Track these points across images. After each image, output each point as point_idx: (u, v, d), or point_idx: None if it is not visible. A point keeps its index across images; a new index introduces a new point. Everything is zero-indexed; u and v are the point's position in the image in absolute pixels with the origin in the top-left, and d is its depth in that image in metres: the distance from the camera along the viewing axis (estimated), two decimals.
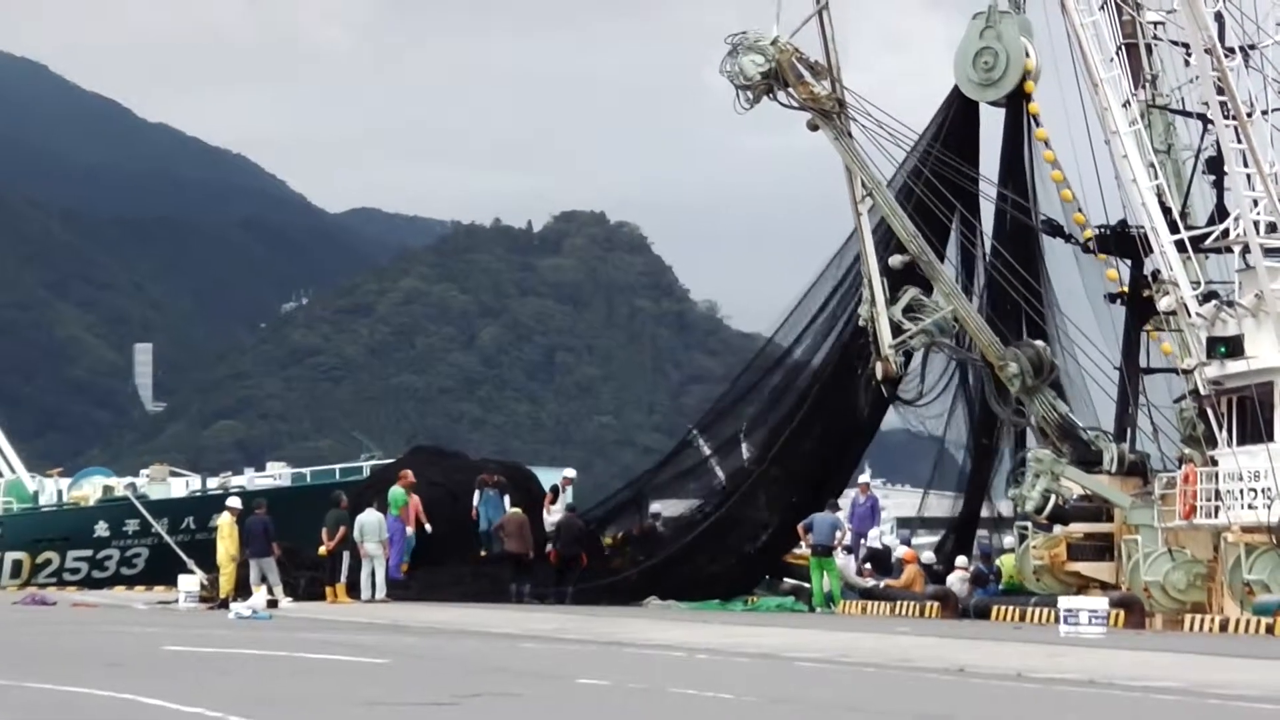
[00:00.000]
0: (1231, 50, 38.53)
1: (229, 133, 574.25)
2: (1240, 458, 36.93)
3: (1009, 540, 43.14)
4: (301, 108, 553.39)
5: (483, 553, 46.12)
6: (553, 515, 46.10)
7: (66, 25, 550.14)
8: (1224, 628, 35.16)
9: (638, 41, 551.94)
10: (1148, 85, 41.62)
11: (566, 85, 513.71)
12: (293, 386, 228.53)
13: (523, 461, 64.51)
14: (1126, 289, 42.22)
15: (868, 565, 44.83)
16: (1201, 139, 41.16)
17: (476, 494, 46.35)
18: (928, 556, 46.11)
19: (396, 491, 44.90)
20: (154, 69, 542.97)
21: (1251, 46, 39.39)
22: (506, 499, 46.04)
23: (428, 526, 45.35)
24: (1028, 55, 42.23)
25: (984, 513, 45.58)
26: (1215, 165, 40.52)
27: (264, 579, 42.76)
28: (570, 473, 49.78)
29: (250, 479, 64.83)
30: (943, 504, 48.79)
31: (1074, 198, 42.26)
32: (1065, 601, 33.53)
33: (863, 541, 46.19)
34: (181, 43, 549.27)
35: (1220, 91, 37.78)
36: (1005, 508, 44.49)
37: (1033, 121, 42.69)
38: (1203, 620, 36.11)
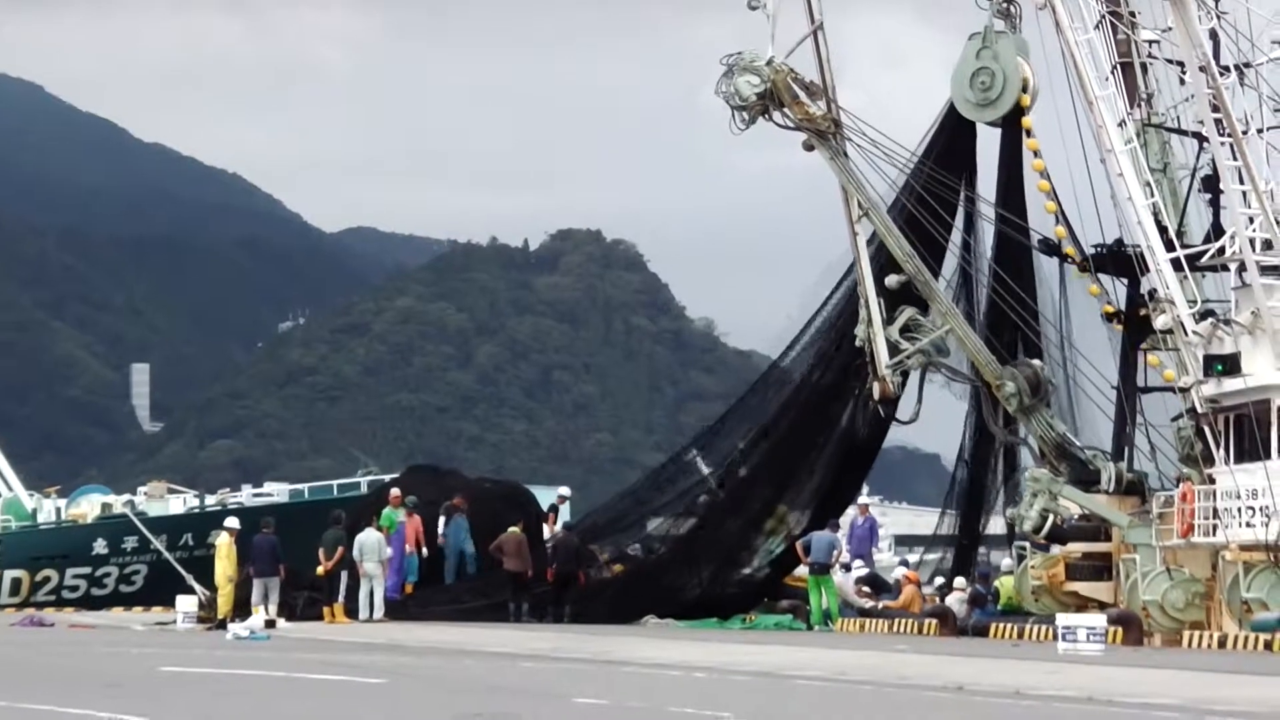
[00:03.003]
0: (1226, 68, 38.62)
1: (224, 153, 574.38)
2: (1238, 476, 36.93)
3: (1006, 561, 43.07)
4: (297, 127, 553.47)
5: (447, 581, 45.74)
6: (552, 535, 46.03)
7: (61, 46, 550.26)
8: (1222, 645, 35.15)
9: (634, 61, 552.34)
10: (1143, 104, 41.67)
11: (562, 104, 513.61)
12: (289, 406, 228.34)
13: (520, 480, 64.53)
14: (1123, 308, 42.26)
15: (866, 587, 44.74)
16: (1197, 157, 41.26)
17: (443, 520, 45.98)
18: (936, 582, 45.91)
19: (387, 513, 44.88)
20: (149, 89, 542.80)
21: (1246, 64, 39.46)
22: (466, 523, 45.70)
23: (424, 550, 45.26)
24: (1024, 75, 42.24)
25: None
26: (1211, 183, 40.59)
27: (266, 598, 42.72)
28: (565, 491, 49.63)
29: (249, 495, 64.80)
30: (947, 522, 48.47)
31: (1066, 233, 42.18)
32: (1063, 619, 33.54)
33: (860, 563, 46.08)
34: (176, 63, 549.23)
35: (1215, 109, 37.81)
36: (996, 526, 44.49)
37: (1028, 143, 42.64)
38: (1201, 637, 36.10)
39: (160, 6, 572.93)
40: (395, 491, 46.25)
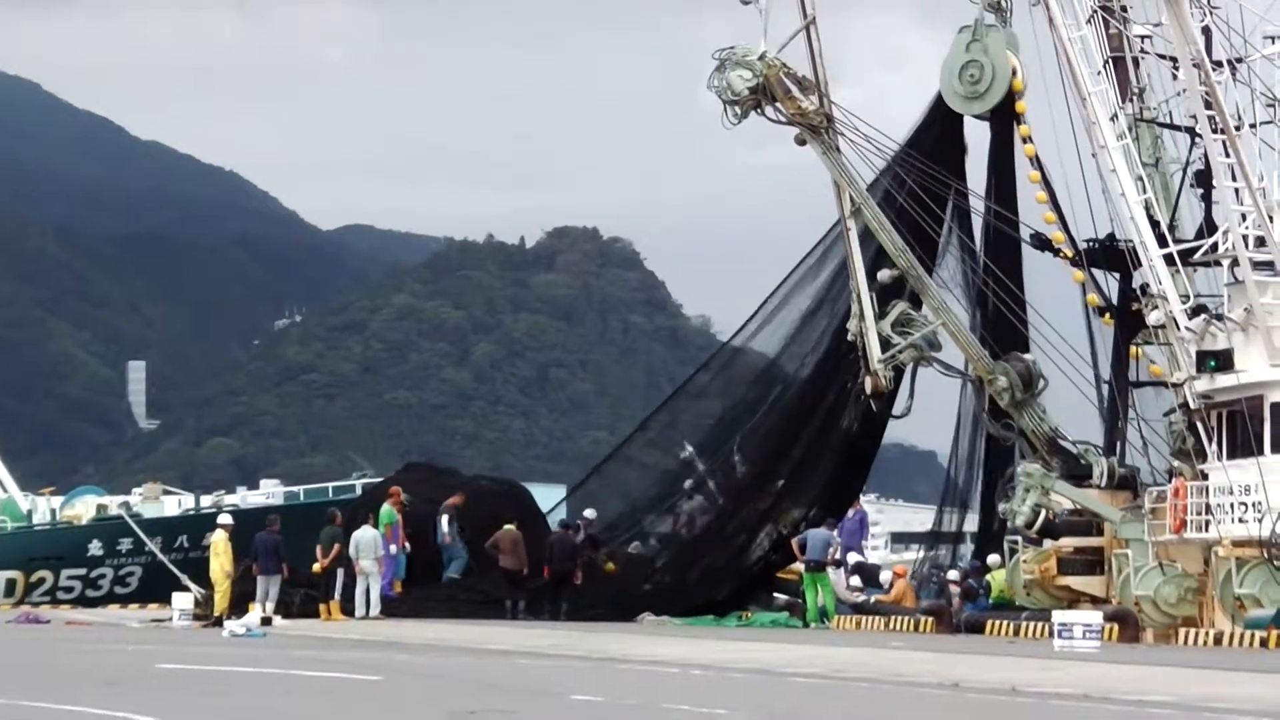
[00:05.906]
0: (1219, 64, 38.60)
1: (222, 150, 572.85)
2: (1230, 471, 36.98)
3: (993, 558, 43.08)
4: (294, 125, 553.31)
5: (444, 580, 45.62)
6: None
7: (58, 43, 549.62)
8: (1217, 641, 35.21)
9: (629, 57, 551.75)
10: (1135, 99, 41.74)
11: (558, 101, 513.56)
12: (286, 403, 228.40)
13: (516, 477, 64.54)
14: (1115, 302, 42.32)
15: (855, 579, 44.76)
16: (1189, 152, 41.33)
17: (445, 519, 45.83)
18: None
19: (386, 509, 44.82)
20: (146, 87, 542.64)
21: (1239, 60, 39.48)
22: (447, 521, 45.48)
23: (407, 547, 45.06)
24: (1014, 69, 42.31)
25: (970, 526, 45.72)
26: (1203, 179, 40.66)
27: (267, 595, 42.79)
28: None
29: (243, 497, 64.80)
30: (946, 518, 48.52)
31: (1064, 236, 42.26)
32: (1059, 616, 33.58)
33: (851, 555, 46.09)
34: (174, 60, 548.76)
35: (1208, 105, 37.84)
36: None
37: (1019, 137, 42.70)
38: (1196, 634, 36.15)
39: (159, 4, 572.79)
40: (395, 489, 46.05)
